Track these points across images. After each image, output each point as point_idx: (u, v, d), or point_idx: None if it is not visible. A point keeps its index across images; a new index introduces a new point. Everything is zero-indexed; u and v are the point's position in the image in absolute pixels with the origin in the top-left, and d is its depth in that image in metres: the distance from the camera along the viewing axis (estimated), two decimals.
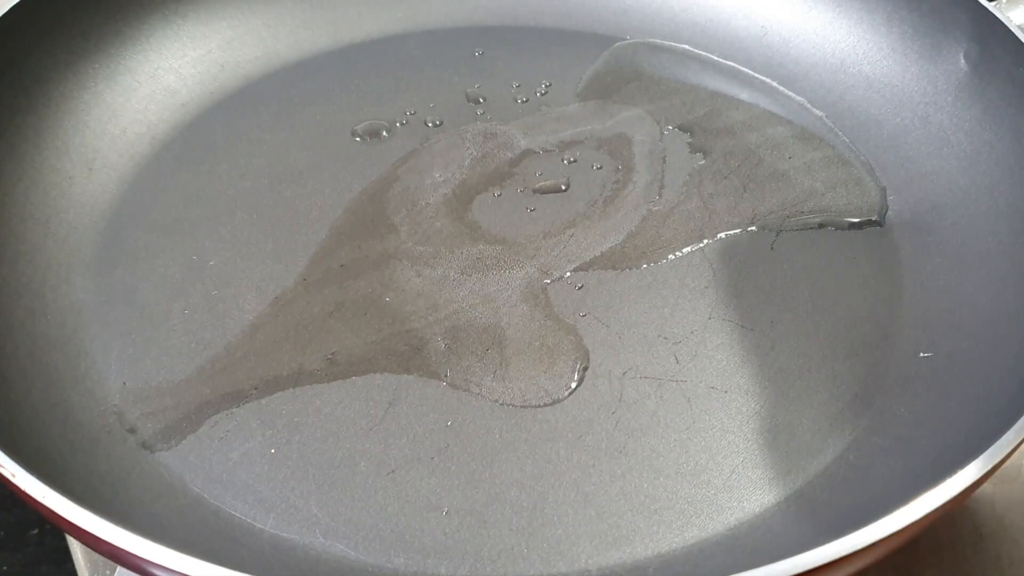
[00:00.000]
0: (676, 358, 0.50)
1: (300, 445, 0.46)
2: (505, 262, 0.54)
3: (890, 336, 0.51)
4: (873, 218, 0.57)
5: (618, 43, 0.68)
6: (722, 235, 0.56)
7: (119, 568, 0.49)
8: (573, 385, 0.49)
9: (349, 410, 0.48)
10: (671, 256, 0.55)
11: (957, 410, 0.46)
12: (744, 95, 0.65)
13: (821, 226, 0.57)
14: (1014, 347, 0.47)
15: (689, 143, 0.62)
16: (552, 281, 0.54)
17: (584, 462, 0.46)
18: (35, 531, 0.52)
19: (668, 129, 0.62)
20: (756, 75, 0.66)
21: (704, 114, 0.64)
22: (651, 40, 0.68)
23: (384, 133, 0.62)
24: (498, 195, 0.58)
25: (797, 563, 0.36)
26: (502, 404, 0.48)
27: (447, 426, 0.47)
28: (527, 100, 0.65)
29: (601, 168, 0.60)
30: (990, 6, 0.58)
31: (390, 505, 0.44)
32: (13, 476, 0.38)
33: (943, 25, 0.61)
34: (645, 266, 0.54)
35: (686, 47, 0.68)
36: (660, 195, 0.58)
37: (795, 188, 0.59)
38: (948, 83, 0.60)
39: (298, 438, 0.47)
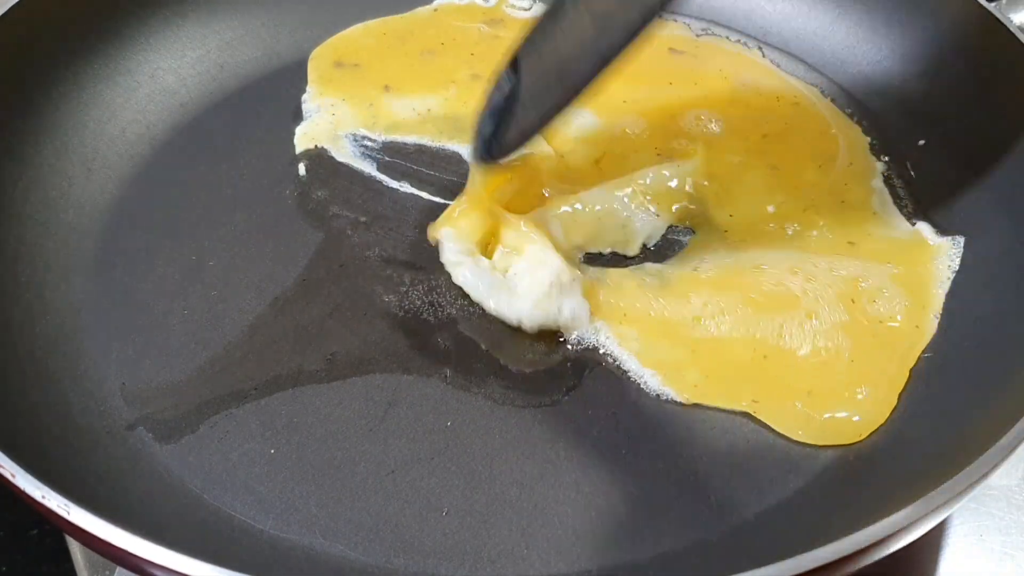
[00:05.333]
0: None
1: (300, 445, 0.46)
2: None
3: None
4: None
5: None
6: None
7: (119, 568, 0.49)
8: (573, 385, 0.49)
9: (349, 410, 0.48)
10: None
11: (957, 410, 0.46)
12: None
13: None
14: (1014, 347, 0.47)
15: None
16: None
17: (584, 462, 0.46)
18: (35, 531, 0.52)
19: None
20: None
21: None
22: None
23: None
24: None
25: (797, 563, 0.36)
26: (502, 404, 0.48)
27: (447, 426, 0.47)
28: None
29: None
30: (990, 6, 0.58)
31: (390, 505, 0.44)
32: (13, 476, 0.38)
33: (943, 25, 0.61)
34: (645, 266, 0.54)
35: None
36: None
37: None
38: (948, 83, 0.60)
39: (298, 438, 0.47)
